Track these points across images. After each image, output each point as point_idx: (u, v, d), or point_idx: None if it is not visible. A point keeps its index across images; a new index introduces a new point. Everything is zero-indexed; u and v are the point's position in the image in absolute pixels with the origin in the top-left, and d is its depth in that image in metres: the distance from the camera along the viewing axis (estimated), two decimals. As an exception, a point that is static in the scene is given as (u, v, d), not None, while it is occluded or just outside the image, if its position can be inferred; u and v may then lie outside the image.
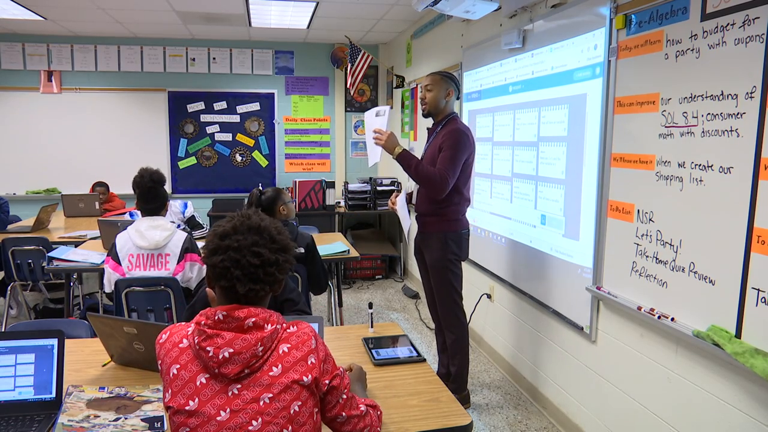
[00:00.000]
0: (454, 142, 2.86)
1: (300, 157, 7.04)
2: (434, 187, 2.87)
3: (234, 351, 1.19)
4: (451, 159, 2.85)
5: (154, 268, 2.98)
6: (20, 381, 1.63)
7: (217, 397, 1.20)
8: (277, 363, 1.22)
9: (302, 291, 3.07)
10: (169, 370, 1.24)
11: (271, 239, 1.26)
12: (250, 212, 1.32)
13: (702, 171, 1.97)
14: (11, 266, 4.07)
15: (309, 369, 1.24)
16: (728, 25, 1.84)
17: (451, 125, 2.95)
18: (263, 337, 1.21)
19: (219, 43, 6.62)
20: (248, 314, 1.22)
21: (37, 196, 6.42)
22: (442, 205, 2.96)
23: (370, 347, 2.09)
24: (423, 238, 3.12)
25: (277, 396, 1.20)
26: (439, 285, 3.06)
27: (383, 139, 2.88)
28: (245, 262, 1.22)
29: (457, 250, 3.02)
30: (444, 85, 2.98)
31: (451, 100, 3.02)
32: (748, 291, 1.78)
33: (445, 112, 3.02)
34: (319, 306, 5.00)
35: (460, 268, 3.07)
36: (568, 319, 2.88)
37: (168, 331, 1.31)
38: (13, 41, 6.28)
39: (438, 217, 3.00)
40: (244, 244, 1.23)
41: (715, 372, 1.97)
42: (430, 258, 3.06)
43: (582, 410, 2.82)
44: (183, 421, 1.20)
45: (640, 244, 2.31)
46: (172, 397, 1.22)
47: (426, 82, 3.02)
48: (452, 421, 1.61)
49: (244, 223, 1.27)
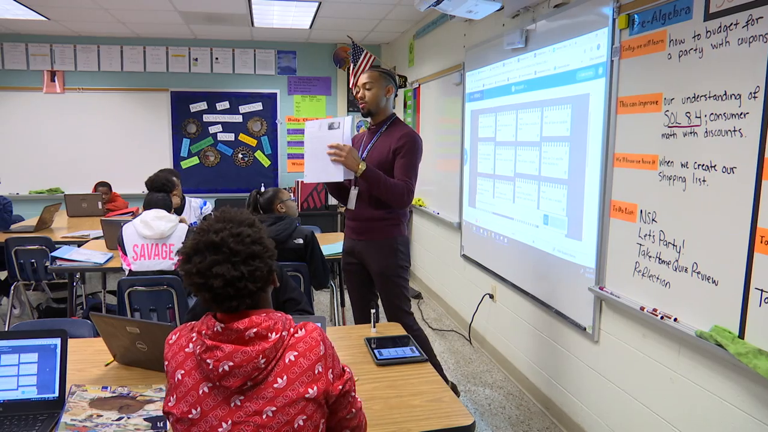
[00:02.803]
0: (412, 148, 2.73)
1: (302, 158, 7.02)
2: (401, 201, 2.71)
3: (234, 364, 1.14)
4: (412, 167, 2.74)
5: (158, 257, 3.04)
6: (23, 380, 1.63)
7: (219, 408, 1.17)
8: (282, 374, 1.17)
9: (304, 290, 3.07)
10: (174, 374, 1.22)
11: (231, 253, 1.16)
12: (210, 221, 1.23)
13: (705, 171, 1.97)
14: (14, 266, 4.09)
15: (315, 379, 1.19)
16: (732, 24, 1.84)
17: (400, 128, 2.81)
18: (265, 349, 1.16)
19: (221, 43, 6.63)
20: (249, 325, 1.16)
21: (40, 196, 6.43)
22: (390, 209, 2.80)
23: (373, 347, 2.09)
24: (366, 246, 2.86)
25: (280, 410, 1.15)
26: (390, 295, 2.86)
27: (343, 156, 2.59)
28: (210, 284, 1.15)
29: (406, 255, 2.87)
30: (383, 83, 2.80)
31: (391, 98, 2.85)
32: (751, 291, 1.78)
33: (387, 111, 2.85)
34: (321, 306, 5.01)
35: (408, 274, 2.92)
36: (571, 320, 2.87)
37: (178, 332, 1.28)
38: (16, 41, 6.30)
39: (385, 222, 2.81)
40: (202, 267, 1.16)
41: (718, 372, 1.97)
42: (378, 266, 2.83)
43: (584, 410, 2.82)
44: (185, 430, 1.18)
45: (642, 245, 2.31)
46: (177, 403, 1.20)
47: (364, 80, 2.81)
48: (455, 421, 1.61)
49: (200, 242, 1.18)
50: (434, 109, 5.12)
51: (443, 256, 4.96)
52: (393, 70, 2.92)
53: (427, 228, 5.47)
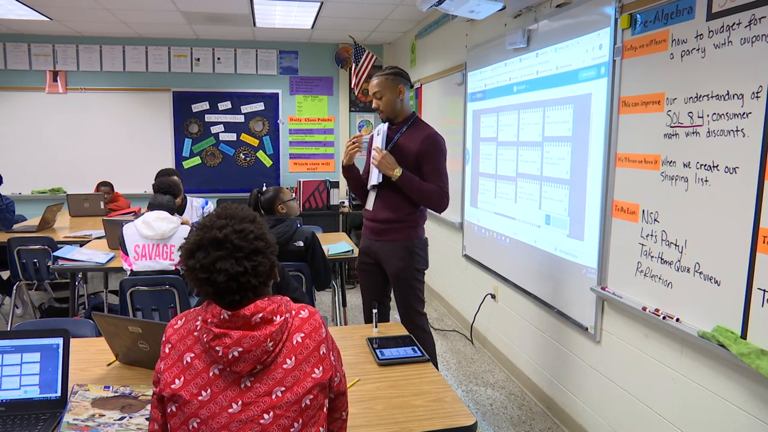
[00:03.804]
0: (435, 152, 2.72)
1: (304, 157, 7.05)
2: (438, 205, 2.75)
3: (243, 350, 1.17)
4: (441, 171, 2.74)
5: (159, 257, 3.05)
6: (26, 380, 1.64)
7: (229, 389, 1.19)
8: (290, 355, 1.21)
9: (306, 291, 3.07)
10: (182, 358, 1.22)
11: (234, 248, 1.19)
12: (212, 218, 1.25)
13: (707, 171, 1.96)
14: (17, 265, 4.10)
15: (321, 360, 1.24)
16: (734, 24, 1.84)
17: (420, 129, 2.77)
18: (272, 332, 1.19)
19: (223, 43, 6.63)
20: (255, 310, 1.19)
21: (42, 196, 6.45)
22: (408, 212, 2.79)
23: (375, 347, 2.09)
24: (383, 247, 2.84)
25: (289, 389, 1.20)
26: (405, 296, 2.85)
27: (377, 159, 2.70)
28: (213, 279, 1.18)
29: (423, 259, 2.86)
30: (392, 85, 2.75)
31: (405, 98, 2.81)
32: (754, 291, 1.77)
33: (405, 111, 2.82)
34: (323, 306, 5.01)
35: (424, 276, 2.91)
36: (573, 320, 2.87)
37: (183, 317, 1.29)
38: (18, 41, 6.31)
39: (402, 224, 2.80)
40: (206, 263, 1.19)
41: (720, 373, 1.96)
42: (394, 268, 2.82)
43: (586, 411, 2.82)
44: (194, 412, 1.19)
45: (645, 245, 2.30)
46: (184, 385, 1.20)
47: (374, 89, 2.77)
48: (456, 421, 1.61)
49: (203, 238, 1.21)
50: (436, 109, 5.12)
51: (445, 256, 4.96)
52: (398, 68, 2.87)
53: (429, 228, 5.42)
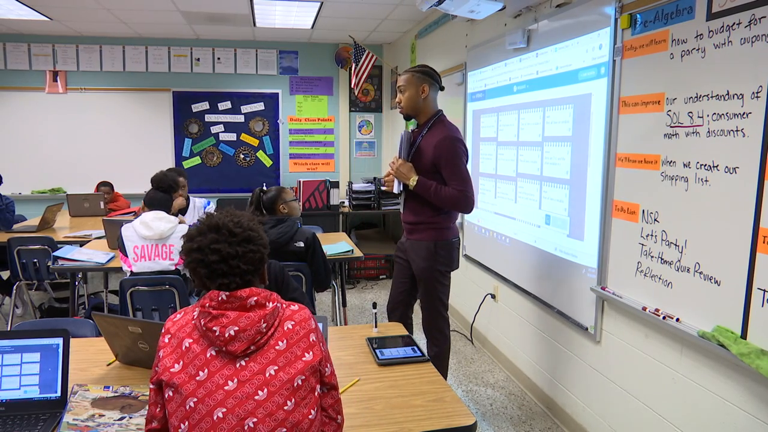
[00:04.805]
0: (452, 154, 2.67)
1: (304, 157, 7.05)
2: (460, 208, 2.76)
3: (239, 329, 1.26)
4: (459, 173, 2.68)
5: (158, 257, 3.05)
6: (26, 380, 1.64)
7: (225, 368, 1.27)
8: (282, 338, 1.31)
9: (306, 291, 3.07)
10: (181, 343, 1.30)
11: (229, 234, 1.32)
12: (214, 212, 1.40)
13: (707, 171, 1.96)
14: (17, 265, 4.10)
15: (311, 346, 1.33)
16: (734, 24, 1.84)
17: (438, 131, 2.73)
18: (266, 314, 1.29)
19: (223, 43, 6.63)
20: (250, 294, 1.30)
21: (42, 196, 6.45)
22: (431, 214, 2.78)
23: (374, 347, 2.09)
24: (411, 246, 2.88)
25: (282, 368, 1.28)
26: (425, 296, 2.88)
27: (393, 169, 2.76)
28: (207, 260, 1.30)
29: (446, 260, 2.84)
30: (417, 82, 2.73)
31: (429, 97, 2.76)
32: (754, 291, 1.77)
33: (428, 110, 2.78)
34: (323, 306, 5.01)
35: (449, 279, 2.90)
36: (573, 320, 2.87)
37: (182, 312, 1.38)
38: (18, 41, 6.31)
39: (426, 225, 2.81)
40: (203, 243, 1.31)
41: (720, 373, 1.96)
42: (417, 267, 2.85)
43: (586, 411, 2.82)
44: (191, 392, 1.25)
45: (645, 245, 2.30)
46: (183, 369, 1.27)
47: (400, 83, 2.79)
48: (456, 421, 1.61)
49: (204, 224, 1.35)
50: (436, 109, 5.11)
51: (445, 256, 4.95)
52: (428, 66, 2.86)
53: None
